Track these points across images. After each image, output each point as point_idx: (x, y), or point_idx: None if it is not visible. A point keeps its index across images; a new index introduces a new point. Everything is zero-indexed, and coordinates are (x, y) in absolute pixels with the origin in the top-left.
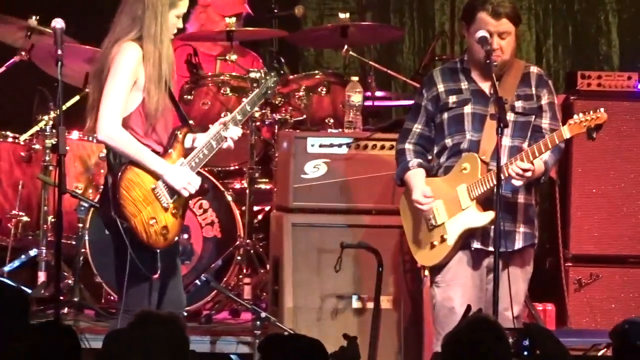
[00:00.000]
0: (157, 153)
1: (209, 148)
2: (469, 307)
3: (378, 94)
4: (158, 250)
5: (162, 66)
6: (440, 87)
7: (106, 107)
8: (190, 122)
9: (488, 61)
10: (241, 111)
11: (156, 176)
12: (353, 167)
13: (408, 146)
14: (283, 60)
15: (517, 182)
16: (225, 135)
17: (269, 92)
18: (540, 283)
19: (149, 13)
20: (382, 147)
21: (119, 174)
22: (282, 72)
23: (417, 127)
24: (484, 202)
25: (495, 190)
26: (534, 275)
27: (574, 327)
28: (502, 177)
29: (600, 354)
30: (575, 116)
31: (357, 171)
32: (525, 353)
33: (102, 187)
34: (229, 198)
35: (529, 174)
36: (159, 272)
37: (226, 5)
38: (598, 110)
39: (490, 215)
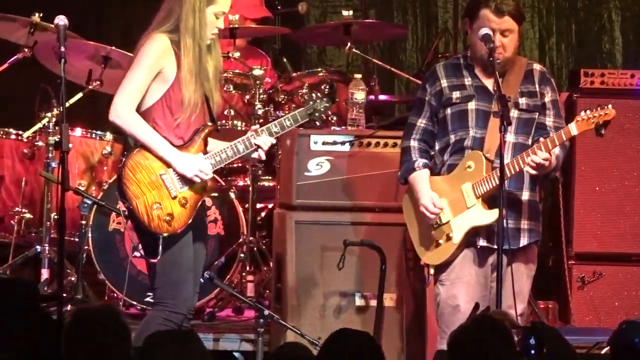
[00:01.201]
0: (177, 146)
1: (234, 150)
2: (476, 305)
3: (382, 97)
4: (161, 236)
5: (204, 62)
6: (444, 82)
7: (121, 91)
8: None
9: (491, 59)
10: (279, 124)
11: (168, 164)
12: (356, 165)
13: (413, 143)
14: (335, 87)
15: (533, 172)
16: (255, 143)
17: (316, 114)
18: (543, 281)
19: (186, 7)
20: (385, 145)
21: (128, 154)
22: (335, 100)
23: (421, 122)
24: (490, 200)
25: (501, 186)
26: (537, 273)
27: (577, 325)
28: (508, 175)
29: (603, 352)
30: (583, 113)
31: (360, 169)
32: (532, 352)
33: (105, 184)
34: (232, 195)
35: (547, 163)
36: (158, 257)
37: (248, 7)
38: (606, 107)
39: (496, 213)
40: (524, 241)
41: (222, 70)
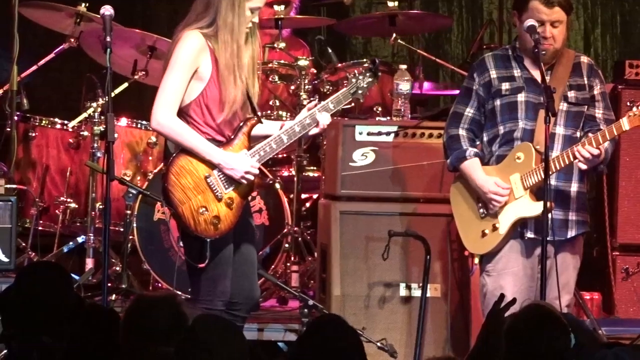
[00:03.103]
0: (219, 143)
1: (292, 134)
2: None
3: (426, 85)
4: (208, 240)
5: (242, 58)
6: (493, 73)
7: (159, 96)
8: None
9: (536, 50)
10: (322, 108)
11: (212, 165)
12: (401, 155)
13: (462, 132)
14: (378, 62)
15: (583, 166)
16: (316, 120)
17: (359, 92)
18: (587, 272)
19: (225, 2)
20: (430, 136)
21: (171, 160)
22: (378, 75)
23: (469, 112)
24: (538, 191)
25: (546, 178)
26: (582, 264)
27: (620, 316)
28: (557, 167)
29: None
30: (635, 108)
31: (405, 159)
32: None
33: (150, 173)
34: (277, 186)
35: (597, 157)
36: (207, 261)
37: None
38: None
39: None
40: (571, 232)
41: (260, 60)
